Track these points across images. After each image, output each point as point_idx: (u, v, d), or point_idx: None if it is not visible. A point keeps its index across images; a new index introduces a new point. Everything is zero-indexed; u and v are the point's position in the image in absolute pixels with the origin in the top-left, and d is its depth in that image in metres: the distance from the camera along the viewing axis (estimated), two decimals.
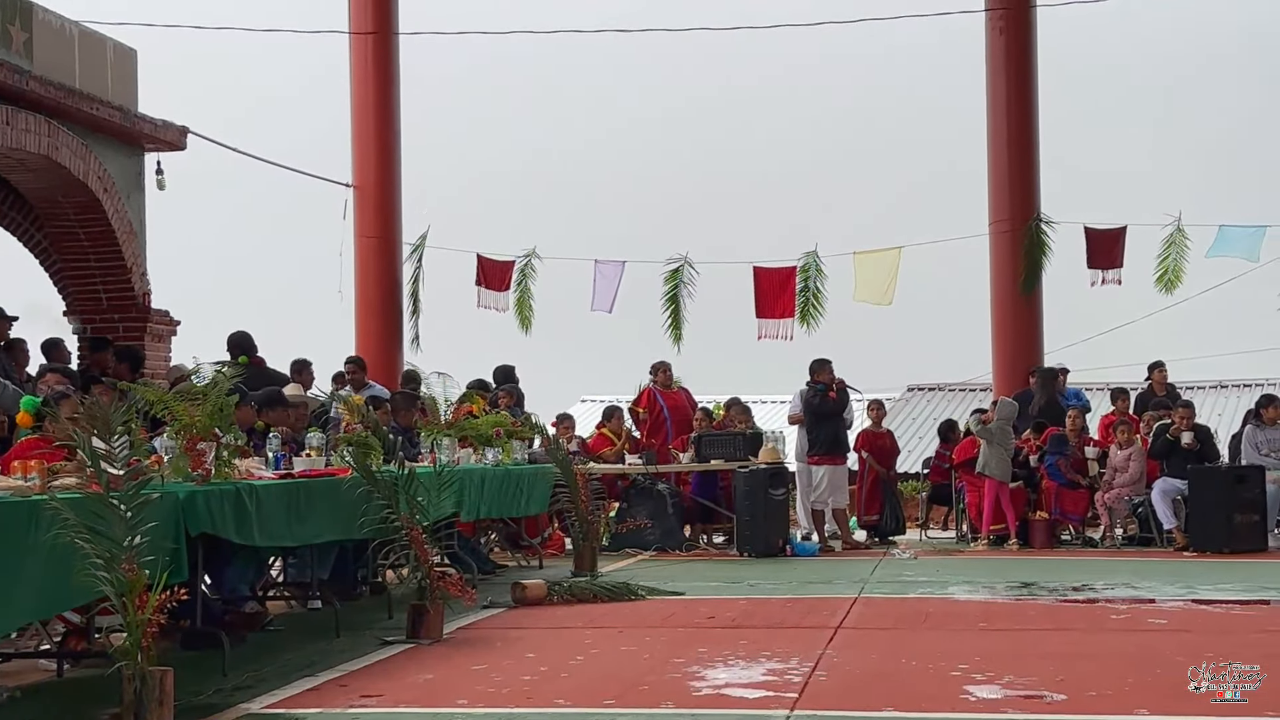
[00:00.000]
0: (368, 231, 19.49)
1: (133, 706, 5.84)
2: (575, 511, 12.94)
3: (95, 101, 13.19)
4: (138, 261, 14.07)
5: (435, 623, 8.72)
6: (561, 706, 6.62)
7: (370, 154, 19.57)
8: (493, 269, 20.00)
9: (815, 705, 6.50)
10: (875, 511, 16.43)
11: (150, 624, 5.84)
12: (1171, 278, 18.34)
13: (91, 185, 13.31)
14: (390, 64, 19.76)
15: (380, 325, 19.57)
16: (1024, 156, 18.60)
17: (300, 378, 13.93)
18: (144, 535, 6.02)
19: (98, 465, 6.06)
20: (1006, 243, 18.41)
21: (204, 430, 7.76)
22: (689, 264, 19.41)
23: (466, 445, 12.18)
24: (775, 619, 9.68)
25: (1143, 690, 6.78)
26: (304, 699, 6.92)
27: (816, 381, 15.44)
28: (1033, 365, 17.85)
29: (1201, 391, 24.94)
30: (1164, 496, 14.84)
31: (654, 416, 16.28)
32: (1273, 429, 15.21)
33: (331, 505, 8.82)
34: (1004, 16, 18.52)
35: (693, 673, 7.37)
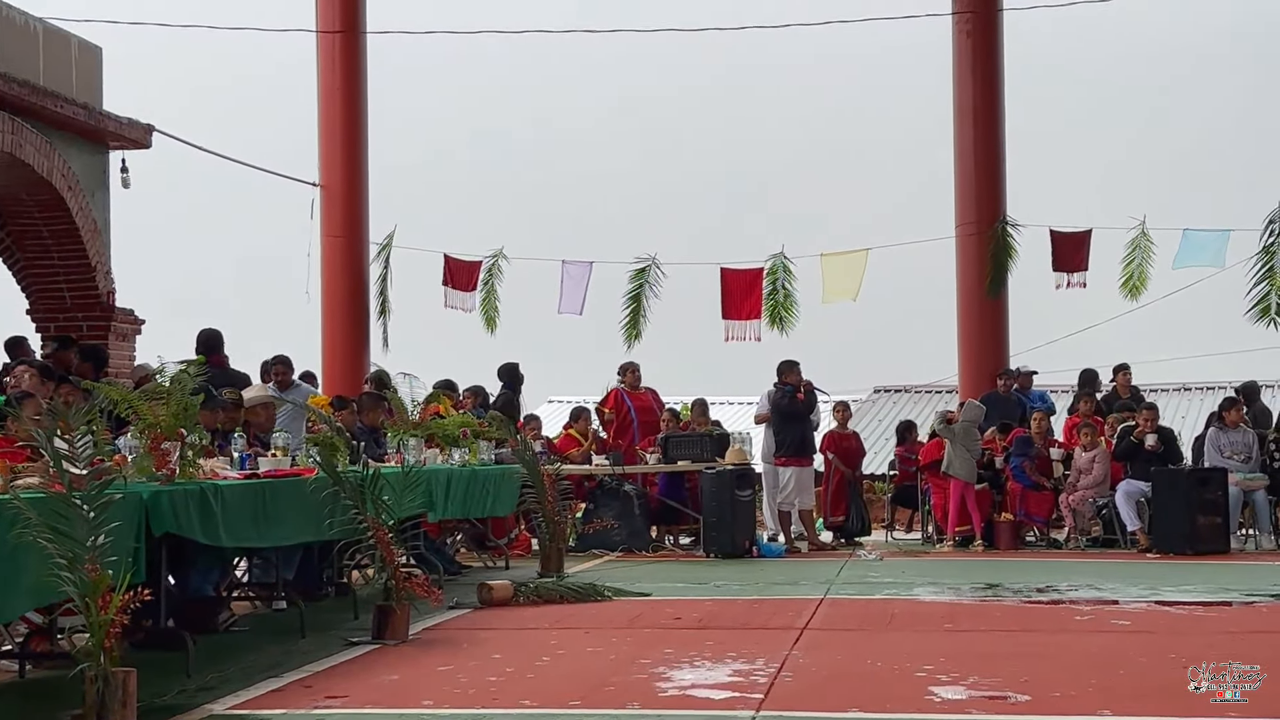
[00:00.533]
0: (334, 231, 19.44)
1: (95, 707, 5.80)
2: (542, 512, 12.92)
3: (59, 99, 13.09)
4: (102, 260, 13.98)
5: (401, 623, 8.69)
6: (527, 707, 6.61)
7: (337, 153, 19.51)
8: (460, 269, 19.97)
9: (781, 706, 6.51)
10: (841, 513, 16.47)
11: (113, 625, 5.80)
12: (1136, 283, 18.44)
13: (55, 183, 13.21)
14: (358, 62, 19.71)
15: (347, 325, 19.52)
16: (991, 159, 18.68)
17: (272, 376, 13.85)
18: (107, 535, 5.98)
19: (60, 465, 6.02)
20: (973, 245, 18.47)
21: (169, 430, 7.72)
22: (656, 265, 19.42)
23: (433, 446, 12.15)
24: (741, 620, 9.69)
25: (1106, 691, 6.81)
26: (268, 700, 6.89)
27: (785, 383, 15.46)
28: (1000, 367, 17.93)
29: (1165, 394, 25.08)
30: (1128, 498, 14.93)
31: (620, 418, 16.28)
32: (1235, 431, 15.32)
33: (297, 506, 8.78)
34: (971, 20, 18.60)
35: (659, 673, 7.37)
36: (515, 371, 16.76)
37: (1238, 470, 14.89)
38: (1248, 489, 14.96)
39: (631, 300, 19.31)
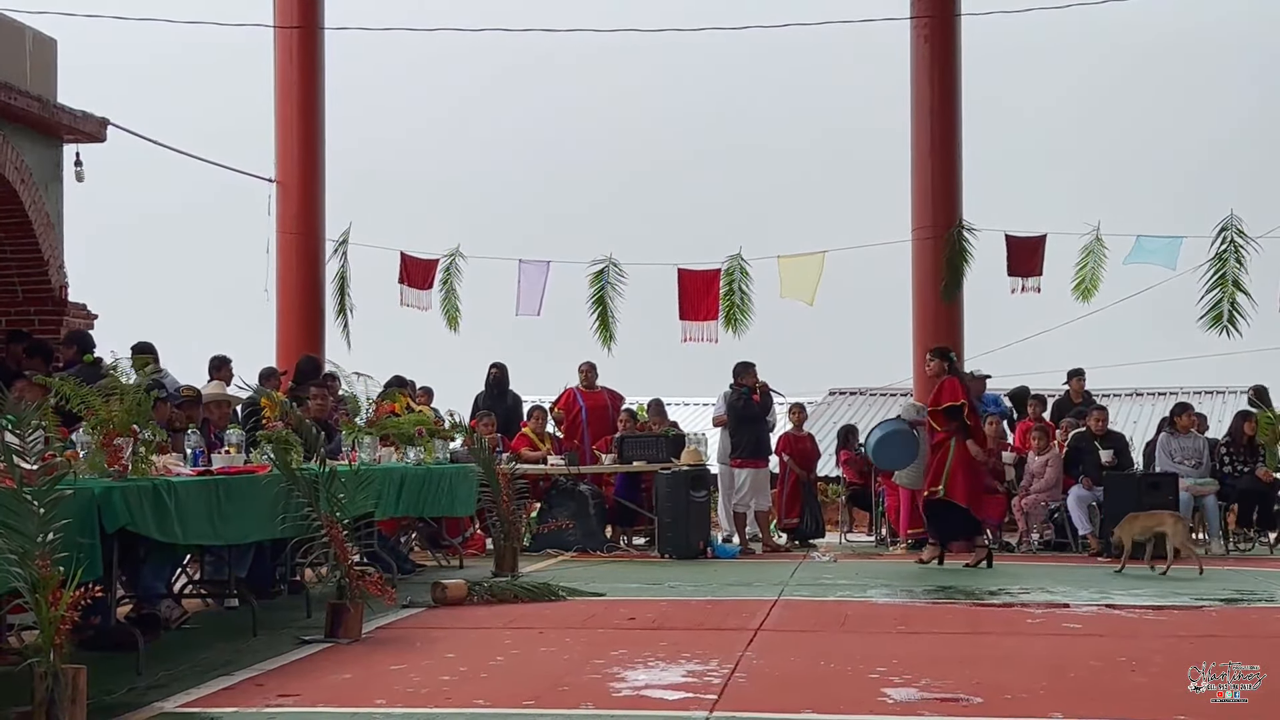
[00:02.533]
0: (289, 228, 19.34)
1: (44, 705, 5.75)
2: (497, 511, 12.90)
3: (13, 91, 12.97)
4: (55, 254, 13.86)
5: (354, 622, 8.66)
6: (480, 707, 6.59)
7: (293, 149, 19.42)
8: (416, 267, 19.90)
9: (734, 707, 6.52)
10: (795, 514, 16.52)
11: (63, 621, 5.76)
12: (1089, 286, 18.57)
13: (8, 175, 13.09)
14: (315, 59, 19.62)
15: (302, 321, 19.42)
16: (947, 164, 18.76)
17: (219, 375, 13.78)
18: (58, 531, 5.94)
19: (10, 460, 5.96)
20: (929, 249, 18.55)
21: (121, 425, 7.66)
22: (614, 264, 19.42)
23: (388, 444, 12.10)
24: (695, 621, 9.70)
25: (1057, 693, 6.85)
26: (220, 698, 6.85)
27: (741, 384, 15.49)
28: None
29: (1117, 399, 25.30)
30: (1079, 502, 15.04)
31: (571, 417, 16.28)
32: (1186, 437, 15.46)
33: (252, 503, 8.73)
34: (929, 25, 18.67)
35: (613, 674, 7.37)
36: (505, 374, 16.87)
37: (1188, 475, 15.03)
38: (1198, 494, 15.10)
39: (596, 304, 19.31)
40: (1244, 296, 17.68)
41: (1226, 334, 17.74)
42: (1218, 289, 17.76)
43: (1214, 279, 17.78)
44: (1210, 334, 17.77)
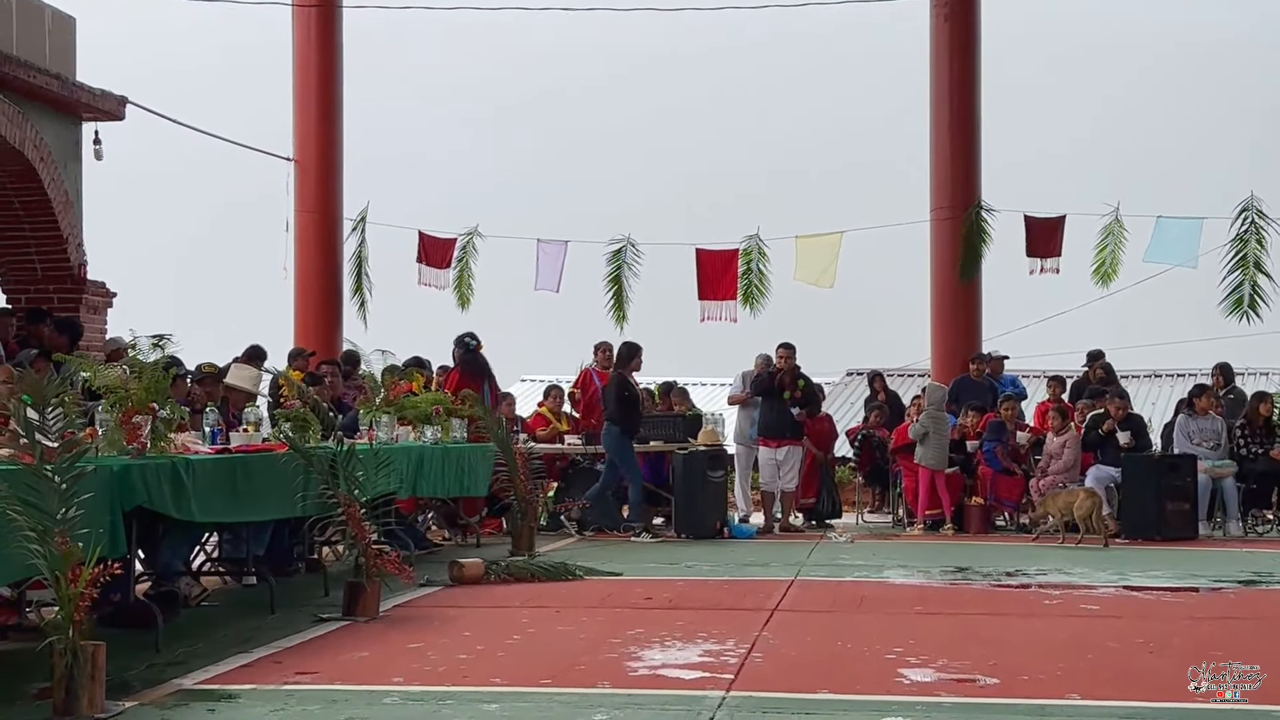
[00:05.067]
0: (308, 207, 19.37)
1: (64, 681, 5.78)
2: (514, 491, 12.91)
3: (32, 69, 12.99)
4: (74, 232, 13.89)
5: (371, 601, 8.68)
6: (497, 685, 6.61)
7: (311, 128, 19.43)
8: (434, 246, 19.94)
9: (751, 686, 6.53)
10: (812, 495, 16.49)
11: (83, 598, 5.78)
12: (1108, 270, 18.51)
13: (27, 154, 13.12)
14: (333, 37, 19.62)
15: (320, 301, 19.46)
16: (966, 144, 18.70)
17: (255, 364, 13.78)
18: (78, 508, 5.96)
19: (31, 436, 5.98)
20: (947, 230, 18.50)
21: (140, 403, 7.68)
22: (632, 244, 19.43)
23: (405, 424, 12.11)
24: (712, 601, 9.71)
25: (1074, 675, 6.85)
26: (238, 675, 6.88)
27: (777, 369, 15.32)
28: (972, 352, 17.97)
29: (1136, 380, 25.19)
30: (1097, 484, 14.99)
31: (588, 397, 16.27)
32: (1204, 419, 15.39)
33: (270, 481, 8.75)
34: (949, 3, 18.59)
35: (629, 653, 7.39)
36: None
37: (1206, 458, 14.98)
38: (1216, 476, 15.05)
39: (612, 283, 19.35)
40: (1265, 279, 17.62)
41: (1248, 319, 17.70)
42: (1238, 271, 17.69)
43: (1235, 260, 17.71)
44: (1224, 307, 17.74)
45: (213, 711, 6.08)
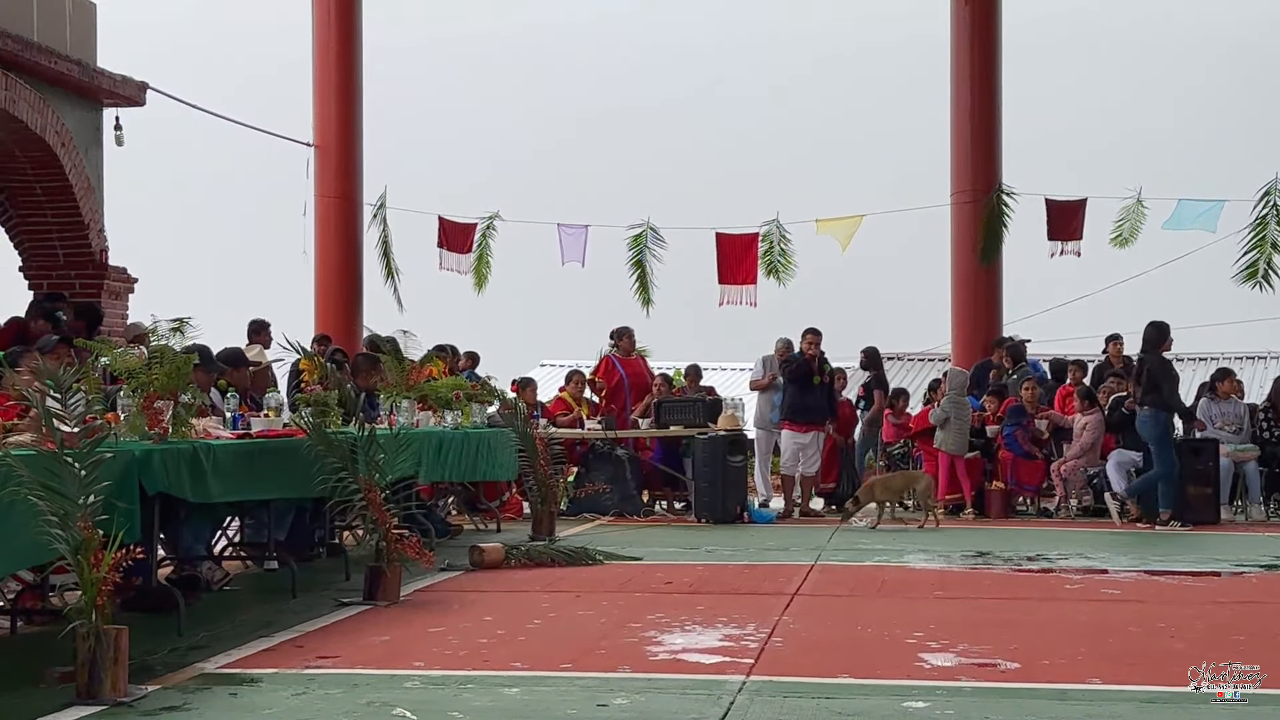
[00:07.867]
0: (328, 191, 19.39)
1: (87, 665, 5.81)
2: (534, 475, 12.93)
3: (53, 55, 13.01)
4: (95, 218, 13.92)
5: (392, 585, 8.71)
6: (518, 669, 6.62)
7: (331, 113, 19.44)
8: (454, 231, 19.97)
9: (771, 671, 6.52)
10: (833, 480, 16.48)
11: (105, 582, 5.80)
12: (1127, 236, 18.51)
13: (49, 140, 13.15)
14: (353, 21, 19.62)
15: (340, 286, 19.49)
16: (987, 127, 18.64)
17: (259, 338, 13.85)
18: (99, 493, 5.98)
19: (52, 423, 6.01)
20: (968, 213, 18.46)
21: (161, 389, 7.70)
22: (652, 228, 19.43)
23: (426, 408, 12.13)
24: (732, 585, 9.71)
25: (1096, 659, 6.83)
26: (259, 659, 6.90)
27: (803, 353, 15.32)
28: (994, 336, 17.93)
29: None
30: (1119, 468, 14.95)
31: (612, 384, 16.26)
32: (1227, 402, 15.34)
33: (290, 466, 8.77)
34: None
35: (649, 637, 7.39)
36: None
37: (1229, 441, 14.92)
38: (1239, 460, 15.00)
39: (635, 266, 19.40)
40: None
41: (1260, 289, 17.71)
42: (1256, 250, 17.66)
43: (1254, 240, 17.68)
44: (1245, 289, 17.80)
45: (234, 695, 6.10)
